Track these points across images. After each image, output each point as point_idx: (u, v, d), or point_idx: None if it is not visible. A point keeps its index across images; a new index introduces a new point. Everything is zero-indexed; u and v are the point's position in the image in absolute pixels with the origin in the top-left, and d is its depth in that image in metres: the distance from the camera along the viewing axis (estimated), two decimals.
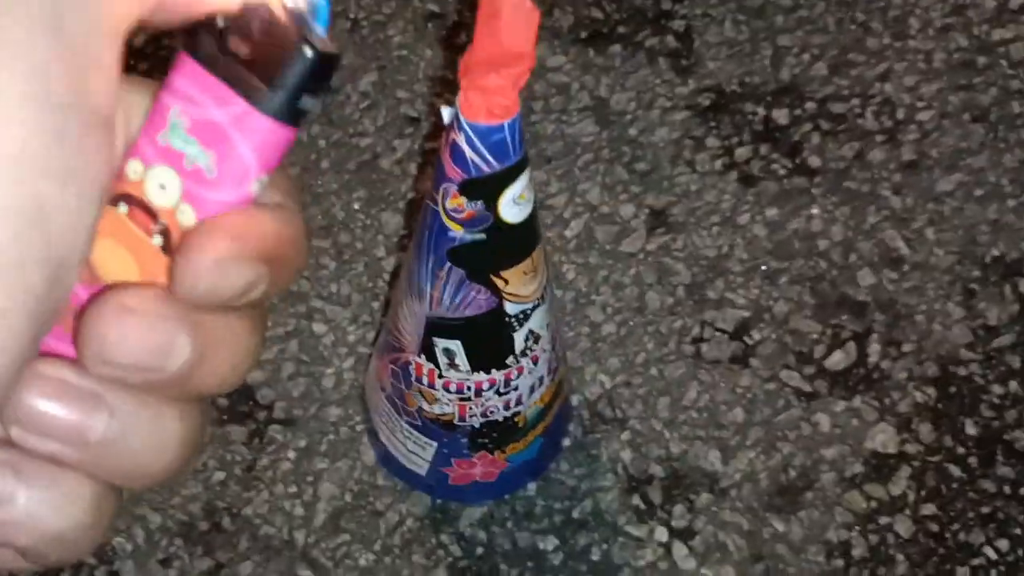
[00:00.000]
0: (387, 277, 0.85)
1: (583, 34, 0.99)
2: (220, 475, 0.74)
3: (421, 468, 0.69)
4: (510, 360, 0.59)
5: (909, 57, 0.99)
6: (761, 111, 0.95)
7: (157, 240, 0.22)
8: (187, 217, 0.22)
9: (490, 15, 0.43)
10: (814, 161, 0.92)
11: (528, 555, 0.72)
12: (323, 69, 0.22)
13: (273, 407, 0.77)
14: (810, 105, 0.96)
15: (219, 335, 0.22)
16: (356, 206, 0.88)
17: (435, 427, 0.65)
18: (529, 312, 0.56)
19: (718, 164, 0.92)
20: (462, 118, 0.46)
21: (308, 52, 0.21)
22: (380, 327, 0.79)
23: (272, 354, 0.80)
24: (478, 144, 0.46)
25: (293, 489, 0.74)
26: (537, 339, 0.58)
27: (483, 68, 0.44)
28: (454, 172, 0.48)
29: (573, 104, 0.95)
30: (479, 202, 0.48)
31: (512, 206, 0.48)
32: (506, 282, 0.53)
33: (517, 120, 0.46)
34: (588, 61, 0.97)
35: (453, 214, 0.50)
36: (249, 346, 0.23)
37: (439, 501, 0.73)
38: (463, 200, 0.48)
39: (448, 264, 0.52)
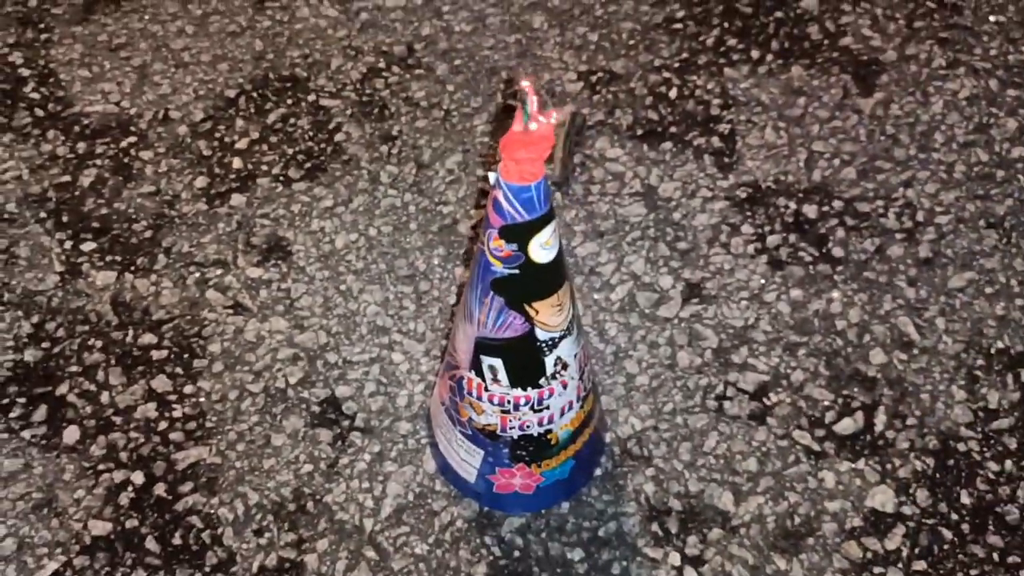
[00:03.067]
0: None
1: (639, 131, 1.14)
2: (308, 467, 0.88)
3: (471, 475, 0.81)
4: (542, 381, 0.71)
5: (932, 167, 1.11)
6: (793, 205, 1.08)
7: None
8: None
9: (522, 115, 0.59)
10: (838, 252, 1.04)
11: (558, 563, 0.83)
12: None
13: (355, 418, 0.91)
14: (837, 203, 1.08)
15: None
16: (436, 261, 1.03)
17: (482, 436, 0.77)
18: (557, 340, 0.69)
19: (750, 248, 1.04)
20: (501, 180, 0.61)
21: None
22: (443, 355, 0.92)
23: (358, 375, 0.94)
24: (512, 200, 0.60)
25: (366, 485, 0.86)
26: (565, 366, 0.71)
27: (517, 145, 0.59)
28: (495, 219, 0.62)
29: (626, 189, 1.09)
30: (514, 244, 0.62)
31: (540, 249, 0.62)
32: (536, 312, 0.66)
33: (542, 183, 0.60)
34: (642, 154, 1.12)
35: (495, 252, 0.64)
36: None
37: (485, 508, 0.84)
38: (502, 242, 0.62)
39: (491, 293, 0.66)
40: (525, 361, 0.69)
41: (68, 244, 1.04)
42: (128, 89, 1.17)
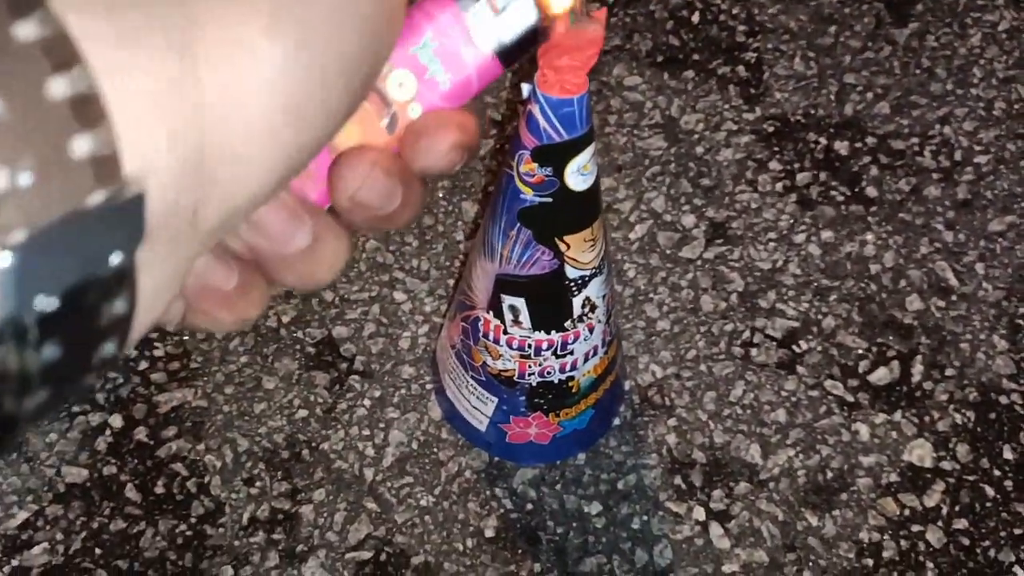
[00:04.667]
0: (463, 258, 0.91)
1: (659, 58, 1.06)
2: (303, 413, 0.81)
3: (482, 424, 0.74)
4: (568, 324, 0.64)
5: (970, 103, 1.03)
6: (823, 141, 1.00)
7: (384, 122, 0.29)
8: (414, 112, 0.29)
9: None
10: (871, 192, 0.97)
11: (573, 516, 0.76)
12: (533, 34, 0.29)
13: (354, 360, 0.83)
14: (871, 140, 1.01)
15: (416, 192, 0.29)
16: (440, 194, 0.95)
17: (497, 383, 0.70)
18: (587, 279, 0.61)
19: (779, 186, 0.97)
20: (538, 91, 0.51)
21: (531, 18, 0.29)
22: (452, 297, 0.85)
23: (356, 314, 0.86)
24: (551, 115, 0.52)
25: (366, 432, 0.79)
26: (593, 308, 0.64)
27: (559, 51, 0.50)
28: (528, 140, 0.54)
29: (645, 121, 1.01)
30: (548, 168, 0.54)
31: (577, 175, 0.54)
32: (568, 246, 0.58)
33: (585, 97, 0.52)
34: (662, 83, 1.04)
35: (525, 178, 0.56)
36: (418, 205, 0.30)
37: (496, 459, 0.77)
38: (535, 166, 0.54)
39: (518, 224, 0.58)
40: (551, 301, 0.62)
41: None
42: None
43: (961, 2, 1.11)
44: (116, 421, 0.81)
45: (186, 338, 0.86)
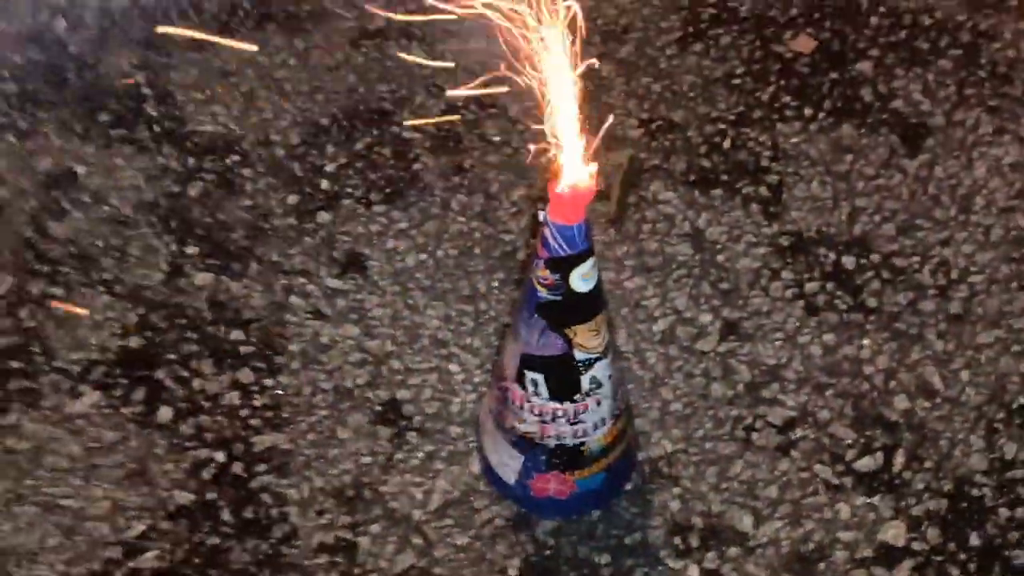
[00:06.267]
0: None
1: (692, 178, 1.23)
2: (367, 460, 0.98)
3: (511, 478, 0.90)
4: (578, 396, 0.80)
5: (970, 229, 1.16)
6: (833, 256, 1.15)
7: None
8: None
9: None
10: (872, 302, 1.11)
11: (585, 565, 0.91)
12: None
13: (412, 419, 1.01)
14: (875, 257, 1.14)
15: None
16: (495, 284, 1.13)
17: (522, 443, 0.86)
18: (593, 361, 0.78)
19: (788, 293, 1.12)
20: (548, 218, 0.70)
21: None
22: (493, 367, 1.02)
23: (417, 381, 1.04)
24: (558, 236, 0.70)
25: (417, 480, 0.96)
26: (600, 385, 0.80)
27: (560, 197, 0.69)
28: (542, 252, 0.72)
29: (675, 230, 1.18)
30: (557, 274, 0.72)
31: (580, 280, 0.72)
32: (575, 334, 0.75)
33: (583, 224, 0.70)
34: (693, 199, 1.20)
35: (541, 280, 0.73)
36: None
37: (523, 511, 0.93)
38: (547, 272, 0.72)
39: (536, 315, 0.75)
40: (563, 377, 0.79)
41: (174, 247, 1.17)
42: (236, 112, 1.31)
43: (970, 137, 1.25)
44: (220, 456, 1.00)
45: (279, 392, 1.05)
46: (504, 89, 0.72)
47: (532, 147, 0.72)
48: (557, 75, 0.67)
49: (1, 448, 1.01)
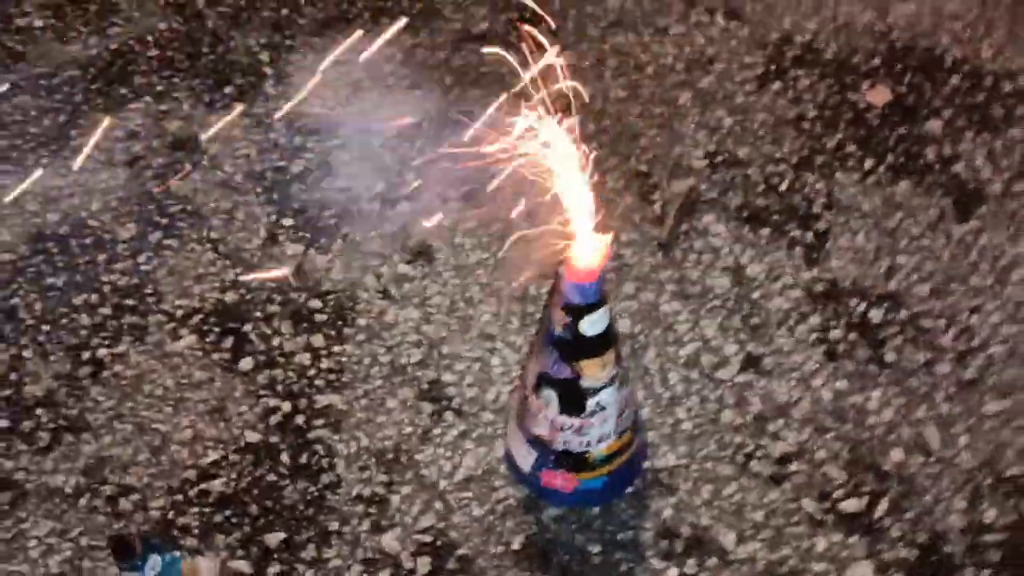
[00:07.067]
0: None
1: (745, 214, 1.31)
2: (408, 429, 1.14)
3: (525, 468, 1.03)
4: (583, 415, 0.93)
5: (1002, 300, 1.22)
6: (863, 308, 1.22)
7: None
8: None
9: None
10: (890, 357, 1.18)
11: (578, 551, 1.04)
12: None
13: (452, 400, 1.16)
14: (903, 313, 1.22)
15: None
16: (545, 291, 1.25)
17: (536, 442, 0.99)
18: (599, 388, 0.90)
19: (812, 337, 1.20)
20: (565, 277, 0.82)
21: None
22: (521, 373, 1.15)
23: (463, 368, 1.18)
24: (573, 289, 0.82)
25: (448, 454, 1.11)
26: (604, 408, 0.92)
27: (574, 268, 0.80)
28: (560, 299, 0.84)
29: (719, 263, 1.27)
30: (570, 318, 0.84)
31: (588, 326, 0.84)
32: (582, 368, 0.88)
33: (596, 282, 0.82)
34: (741, 235, 1.29)
35: (557, 321, 0.86)
36: None
37: (533, 496, 1.07)
38: (562, 314, 0.84)
39: (552, 347, 0.88)
40: (571, 398, 0.91)
41: (273, 216, 1.34)
42: (342, 99, 1.45)
43: (1023, 211, 1.30)
44: (286, 407, 1.17)
45: (343, 359, 1.21)
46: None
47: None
48: (566, 164, 0.78)
49: (110, 372, 1.20)
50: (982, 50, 1.47)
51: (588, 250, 0.82)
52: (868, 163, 1.36)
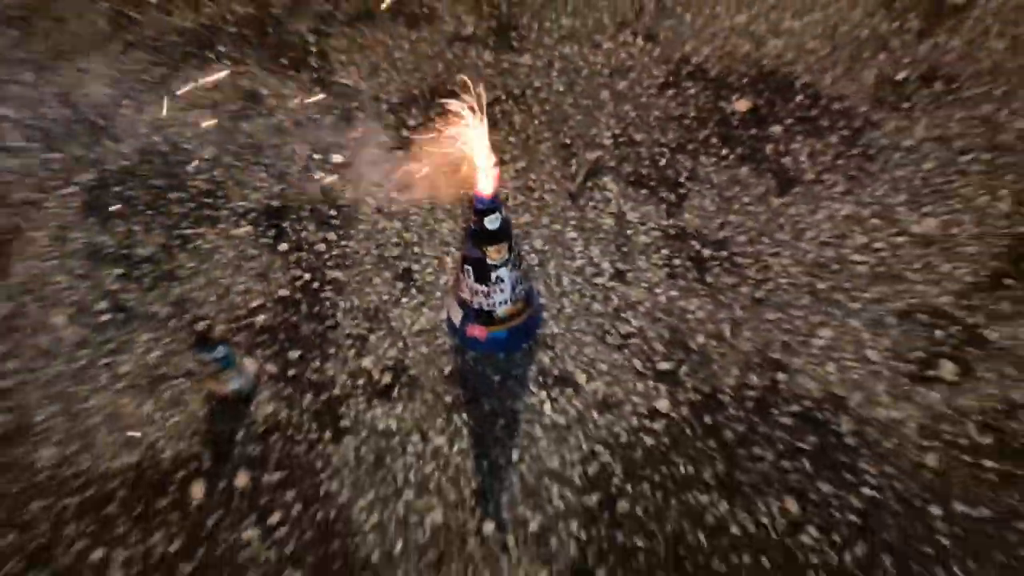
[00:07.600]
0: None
1: (632, 179, 1.90)
2: (386, 297, 1.73)
3: (456, 322, 1.63)
4: (488, 284, 1.52)
5: (793, 250, 1.80)
6: (698, 247, 1.81)
7: None
8: None
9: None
10: (709, 279, 1.76)
11: (486, 378, 1.63)
12: None
13: (416, 281, 1.75)
14: (725, 253, 1.80)
15: None
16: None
17: (462, 303, 1.59)
18: (498, 266, 1.49)
19: (661, 263, 1.79)
20: (475, 193, 1.41)
21: None
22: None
23: (425, 262, 1.78)
24: (479, 200, 1.41)
25: (410, 315, 1.71)
26: (502, 280, 1.51)
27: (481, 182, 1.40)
28: (472, 207, 1.44)
29: (608, 209, 1.86)
30: (477, 217, 1.43)
31: (489, 222, 1.43)
32: (487, 251, 1.47)
33: (495, 197, 1.41)
34: (627, 192, 1.88)
35: (472, 221, 1.45)
36: None
37: (461, 343, 1.66)
38: (474, 216, 1.44)
39: (469, 238, 1.47)
40: (480, 272, 1.50)
41: (308, 153, 1.93)
42: (363, 74, 2.05)
43: (824, 193, 1.87)
44: (307, 276, 1.77)
45: (348, 250, 1.80)
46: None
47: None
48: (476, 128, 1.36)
49: (192, 245, 1.81)
50: (825, 78, 2.04)
51: (488, 176, 1.41)
52: (724, 151, 1.94)
